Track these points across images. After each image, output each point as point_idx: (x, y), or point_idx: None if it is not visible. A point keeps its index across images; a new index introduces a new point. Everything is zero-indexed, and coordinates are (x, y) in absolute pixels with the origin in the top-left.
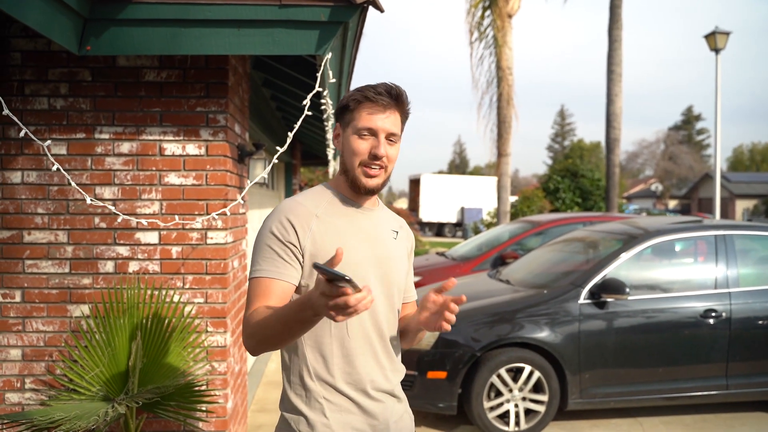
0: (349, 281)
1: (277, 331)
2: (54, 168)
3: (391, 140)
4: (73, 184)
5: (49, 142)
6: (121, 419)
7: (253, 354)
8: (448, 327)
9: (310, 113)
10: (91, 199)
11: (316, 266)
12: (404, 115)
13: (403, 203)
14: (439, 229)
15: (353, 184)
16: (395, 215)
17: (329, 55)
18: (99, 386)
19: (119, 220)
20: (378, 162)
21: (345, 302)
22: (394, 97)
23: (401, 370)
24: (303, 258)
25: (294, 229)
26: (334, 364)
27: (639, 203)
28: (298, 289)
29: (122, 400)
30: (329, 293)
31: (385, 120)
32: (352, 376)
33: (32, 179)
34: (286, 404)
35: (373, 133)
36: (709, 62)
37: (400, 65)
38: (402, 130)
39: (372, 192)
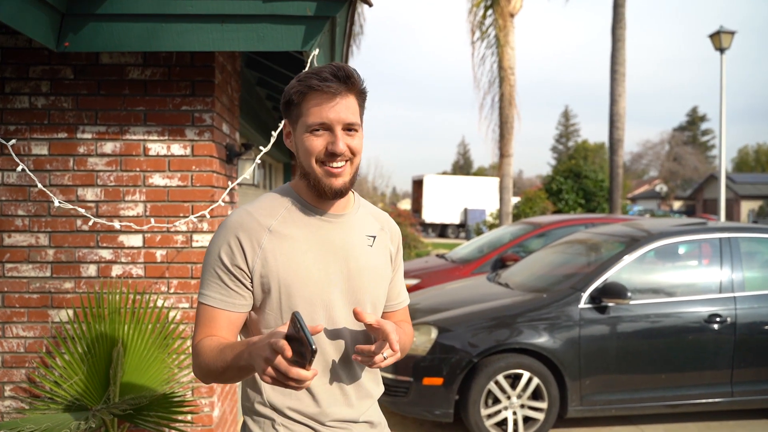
0: (313, 354)
1: (217, 370)
2: (19, 169)
3: (351, 130)
4: (40, 185)
5: (14, 141)
6: (102, 429)
7: (205, 383)
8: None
9: None
10: (59, 202)
11: (295, 316)
12: (361, 98)
13: (406, 204)
14: (442, 230)
15: (317, 188)
16: (376, 214)
17: (316, 52)
18: (77, 395)
19: (90, 223)
20: (337, 158)
21: (285, 371)
22: (342, 80)
23: (374, 394)
24: (252, 282)
25: (242, 249)
26: (290, 393)
27: (643, 204)
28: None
29: (98, 411)
30: (272, 356)
31: (337, 109)
32: (310, 407)
33: (12, 180)
34: (250, 411)
35: (327, 127)
36: (714, 62)
37: (404, 65)
38: (361, 114)
39: (340, 194)
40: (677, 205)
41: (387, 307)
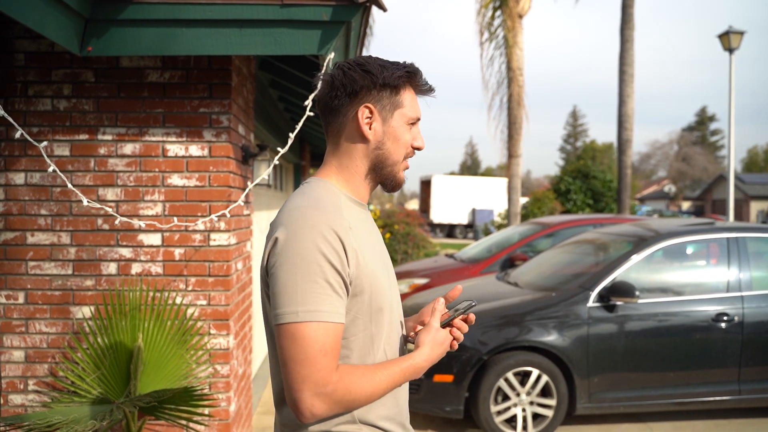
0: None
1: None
2: (50, 170)
3: None
4: (69, 185)
5: (45, 143)
6: (123, 422)
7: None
8: (455, 345)
9: (312, 113)
10: (88, 201)
11: (446, 323)
12: None
13: (414, 204)
14: (450, 230)
15: (387, 181)
16: None
17: (332, 55)
18: (100, 389)
19: (117, 222)
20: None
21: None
22: None
23: None
24: (352, 287)
25: (345, 250)
26: (380, 401)
27: (652, 205)
28: None
29: (122, 404)
30: (448, 338)
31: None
32: (392, 410)
33: (35, 180)
34: None
35: (415, 122)
36: (724, 62)
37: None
38: None
39: (400, 188)
40: (686, 205)
41: None
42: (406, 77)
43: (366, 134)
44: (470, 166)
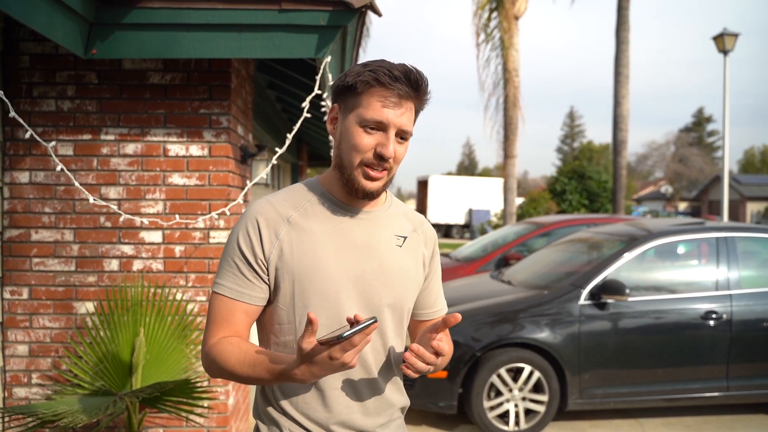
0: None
1: (241, 378)
2: (58, 168)
3: (402, 138)
4: (76, 184)
5: (53, 143)
6: (124, 413)
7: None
8: (409, 372)
9: (309, 115)
10: (94, 199)
11: (321, 343)
12: (420, 107)
13: (411, 204)
14: (447, 230)
15: (349, 185)
16: (409, 215)
17: (329, 58)
18: (102, 381)
19: (122, 219)
20: (383, 164)
21: (339, 359)
22: (413, 85)
23: (395, 405)
24: (268, 274)
25: (260, 238)
26: (298, 395)
27: (649, 205)
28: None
29: (124, 395)
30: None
31: (399, 114)
32: (318, 412)
33: (40, 179)
34: (260, 413)
35: (382, 127)
36: (721, 63)
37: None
38: (414, 123)
39: (371, 197)
40: (683, 206)
41: (420, 316)
42: (366, 78)
43: (330, 131)
44: (467, 167)
